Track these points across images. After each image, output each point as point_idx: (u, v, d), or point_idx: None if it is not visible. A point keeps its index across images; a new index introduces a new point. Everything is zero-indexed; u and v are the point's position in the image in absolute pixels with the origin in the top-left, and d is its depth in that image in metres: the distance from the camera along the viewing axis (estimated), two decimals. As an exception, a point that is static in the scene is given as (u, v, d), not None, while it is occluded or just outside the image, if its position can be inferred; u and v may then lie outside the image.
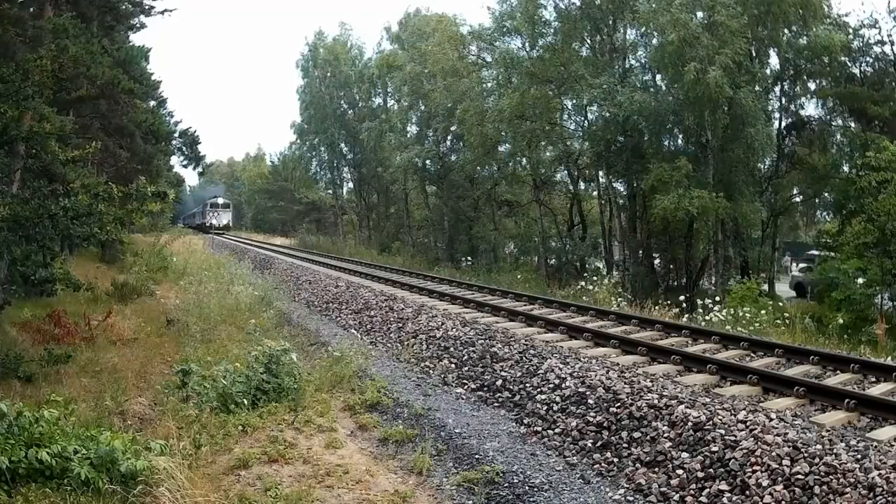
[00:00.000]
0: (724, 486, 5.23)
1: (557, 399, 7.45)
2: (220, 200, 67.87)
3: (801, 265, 28.12)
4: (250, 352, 8.25)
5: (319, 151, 49.22)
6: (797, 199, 25.06)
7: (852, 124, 22.81)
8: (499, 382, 8.44)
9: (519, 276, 22.06)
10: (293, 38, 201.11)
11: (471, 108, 26.68)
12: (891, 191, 16.12)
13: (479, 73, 29.89)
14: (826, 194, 23.18)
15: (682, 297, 15.48)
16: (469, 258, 28.30)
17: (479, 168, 30.08)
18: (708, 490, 5.26)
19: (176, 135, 21.49)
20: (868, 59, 22.65)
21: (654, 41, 21.89)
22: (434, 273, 23.36)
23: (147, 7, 15.86)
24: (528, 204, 29.87)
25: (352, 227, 50.04)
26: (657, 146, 22.58)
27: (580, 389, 7.44)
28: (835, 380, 8.13)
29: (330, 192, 52.97)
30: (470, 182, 31.63)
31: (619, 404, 6.86)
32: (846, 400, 6.83)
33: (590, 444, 6.45)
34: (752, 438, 5.58)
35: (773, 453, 5.31)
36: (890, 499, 4.58)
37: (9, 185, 10.05)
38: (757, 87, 20.71)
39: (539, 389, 7.83)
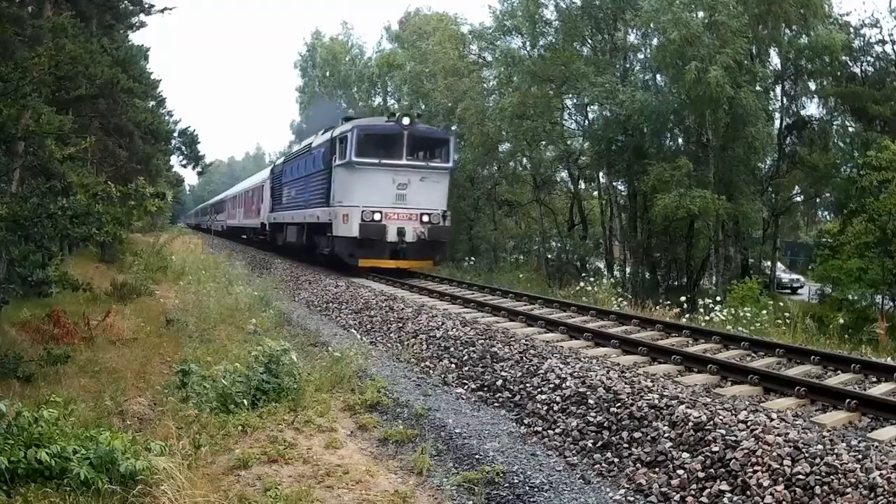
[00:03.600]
0: (724, 487, 5.21)
1: (558, 399, 7.42)
2: (407, 121, 17.74)
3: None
4: (250, 352, 8.22)
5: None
6: (798, 199, 25.05)
7: (853, 124, 22.81)
8: (499, 382, 8.42)
9: (520, 276, 22.04)
10: (293, 38, 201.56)
11: (471, 107, 26.68)
12: (892, 190, 16.14)
13: (479, 73, 29.88)
14: (827, 194, 23.18)
15: (682, 297, 15.45)
16: (469, 258, 28.28)
17: (479, 168, 30.06)
18: (709, 490, 5.24)
19: (175, 134, 21.46)
20: (869, 58, 22.71)
21: (655, 41, 21.90)
22: (434, 273, 23.31)
23: (147, 5, 15.80)
24: (529, 203, 29.85)
25: (352, 227, 49.85)
26: (658, 145, 22.59)
27: (580, 389, 7.41)
28: (836, 380, 8.12)
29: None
30: (470, 182, 31.58)
31: (619, 404, 6.83)
32: (847, 400, 6.81)
33: (590, 445, 6.43)
34: (753, 438, 5.56)
35: (774, 453, 5.29)
36: (891, 499, 4.57)
37: (7, 184, 10.02)
38: (758, 87, 20.73)
39: (539, 389, 7.80)
